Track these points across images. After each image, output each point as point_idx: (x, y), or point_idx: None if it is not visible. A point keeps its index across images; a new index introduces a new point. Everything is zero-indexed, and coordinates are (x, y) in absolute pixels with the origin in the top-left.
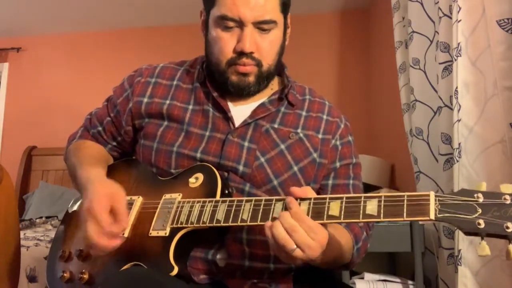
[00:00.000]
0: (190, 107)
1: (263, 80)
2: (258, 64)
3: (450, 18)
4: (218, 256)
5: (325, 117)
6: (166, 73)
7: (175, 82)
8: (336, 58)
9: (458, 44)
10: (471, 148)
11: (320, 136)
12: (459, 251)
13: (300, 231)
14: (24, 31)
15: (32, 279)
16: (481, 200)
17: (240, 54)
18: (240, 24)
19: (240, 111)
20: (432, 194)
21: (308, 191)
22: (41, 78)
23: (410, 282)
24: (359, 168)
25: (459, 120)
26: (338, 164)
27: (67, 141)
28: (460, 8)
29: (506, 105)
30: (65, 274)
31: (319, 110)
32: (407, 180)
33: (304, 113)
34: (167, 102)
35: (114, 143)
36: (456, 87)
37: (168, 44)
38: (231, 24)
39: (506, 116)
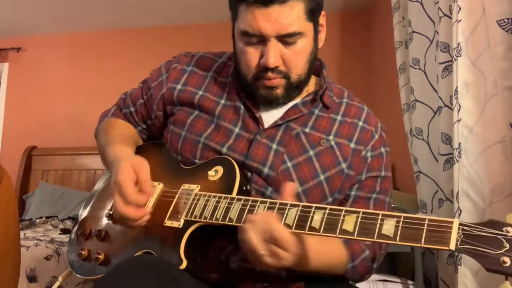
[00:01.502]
0: (222, 101)
1: (293, 90)
2: (286, 76)
3: (450, 18)
4: (231, 258)
5: (361, 123)
6: (203, 63)
7: (210, 74)
8: (336, 58)
9: (458, 44)
10: (471, 148)
11: (352, 145)
12: None
13: (270, 239)
14: (24, 31)
15: (32, 279)
16: (510, 234)
17: (265, 69)
18: (263, 39)
19: (271, 112)
20: (456, 222)
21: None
22: (41, 78)
23: (410, 282)
24: (388, 181)
25: (459, 120)
26: (364, 176)
27: (99, 118)
28: (460, 8)
29: (506, 105)
30: (83, 252)
31: (356, 115)
32: (407, 180)
33: (339, 118)
34: (200, 92)
35: (144, 126)
36: (456, 87)
37: (169, 44)
38: (253, 39)
39: (506, 116)
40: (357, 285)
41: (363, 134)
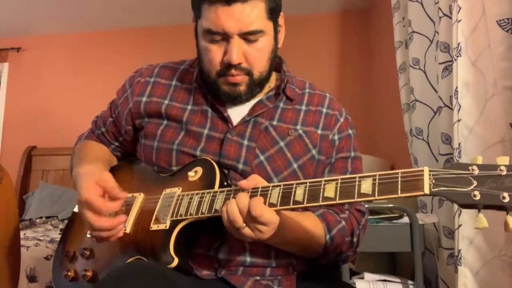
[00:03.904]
0: (189, 107)
1: (255, 87)
2: (248, 73)
3: (450, 18)
4: (220, 252)
5: (324, 110)
6: (165, 72)
7: (173, 82)
8: (336, 58)
9: (458, 44)
10: (471, 148)
11: (319, 132)
12: (459, 251)
13: (250, 217)
14: (24, 31)
15: (32, 279)
16: (476, 172)
17: (229, 65)
18: (226, 36)
19: (238, 110)
20: (426, 169)
21: (258, 180)
22: (41, 78)
23: (410, 282)
24: (359, 162)
25: (459, 120)
26: (334, 158)
27: (75, 143)
28: (460, 8)
29: (506, 105)
30: (69, 273)
31: (319, 103)
32: None
33: (303, 108)
34: (166, 102)
35: (117, 143)
36: (456, 87)
37: (168, 44)
38: (217, 37)
39: (506, 116)
40: (356, 284)
41: (328, 120)
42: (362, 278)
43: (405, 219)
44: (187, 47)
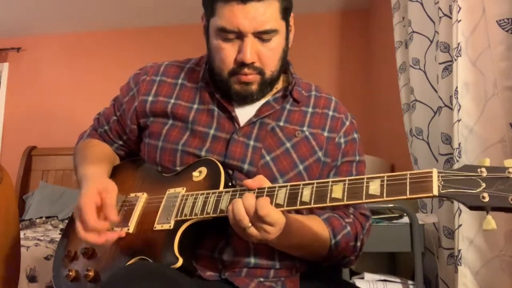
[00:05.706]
0: (195, 106)
1: (266, 87)
2: (261, 72)
3: (450, 18)
4: (224, 253)
5: (331, 113)
6: (171, 71)
7: (179, 81)
8: (336, 58)
9: (458, 44)
10: (471, 148)
11: (325, 134)
12: (459, 251)
13: (257, 216)
14: (24, 31)
15: (32, 279)
16: (484, 174)
17: (242, 64)
18: (240, 35)
19: (245, 110)
20: (435, 171)
21: (263, 180)
22: (41, 78)
23: (410, 282)
24: (363, 166)
25: (459, 120)
26: (339, 161)
27: (76, 141)
28: (460, 8)
29: (506, 105)
30: (70, 273)
31: (325, 105)
32: None
33: (310, 110)
34: (172, 101)
35: (120, 142)
36: (456, 87)
37: (168, 44)
38: (231, 36)
39: (506, 116)
40: (356, 284)
41: (334, 122)
42: (362, 278)
43: (405, 219)
44: (189, 48)
